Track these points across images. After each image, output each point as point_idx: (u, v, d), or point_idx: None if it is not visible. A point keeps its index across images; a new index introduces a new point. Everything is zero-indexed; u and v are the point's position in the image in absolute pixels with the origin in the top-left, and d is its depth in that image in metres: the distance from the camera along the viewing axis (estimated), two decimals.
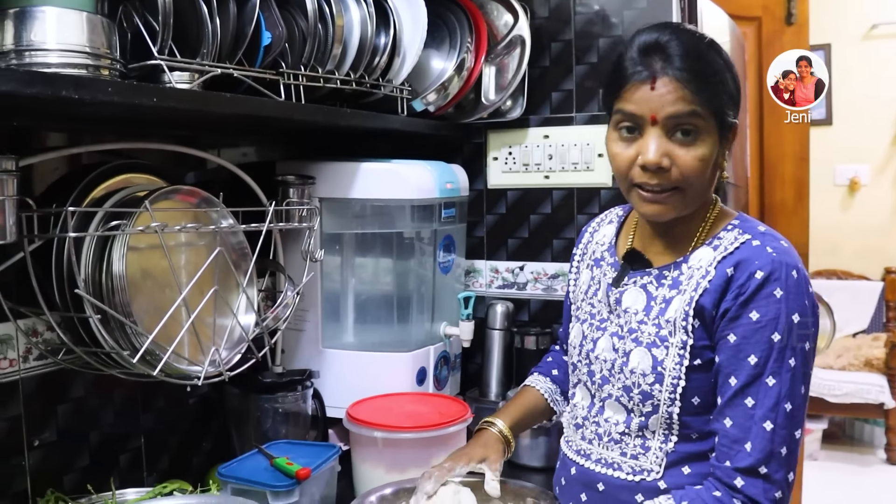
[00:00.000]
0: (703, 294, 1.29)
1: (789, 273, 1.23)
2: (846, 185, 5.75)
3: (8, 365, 1.53)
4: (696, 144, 1.27)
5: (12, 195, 1.28)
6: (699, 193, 1.32)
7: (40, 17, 1.23)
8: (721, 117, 1.28)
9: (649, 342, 1.33)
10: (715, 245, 1.32)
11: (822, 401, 5.07)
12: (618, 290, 1.42)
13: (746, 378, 1.23)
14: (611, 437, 1.39)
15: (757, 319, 1.23)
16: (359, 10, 1.82)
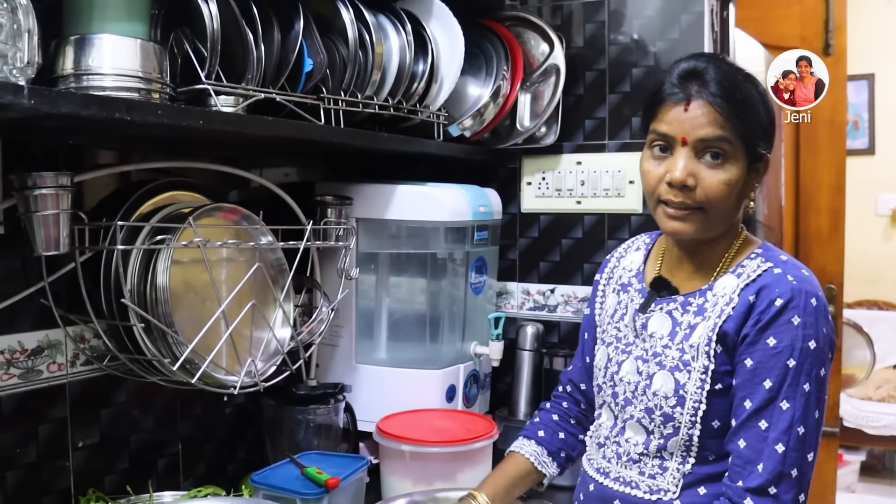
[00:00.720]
0: (726, 320, 1.32)
1: (808, 301, 1.27)
2: (889, 215, 5.69)
3: (57, 369, 1.60)
4: (723, 168, 1.31)
5: (67, 209, 1.35)
6: (722, 216, 1.35)
7: (98, 44, 1.31)
8: (751, 146, 1.32)
9: (672, 366, 1.36)
10: (738, 273, 1.36)
11: (860, 432, 5.02)
12: (644, 316, 1.45)
13: (761, 401, 1.27)
14: (630, 456, 1.42)
15: (774, 345, 1.27)
16: (398, 38, 1.90)
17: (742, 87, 1.32)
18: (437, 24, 2.04)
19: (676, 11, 2.19)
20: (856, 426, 5.01)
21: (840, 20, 3.27)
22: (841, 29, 3.28)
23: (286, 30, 1.61)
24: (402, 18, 1.92)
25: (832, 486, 3.44)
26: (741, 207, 1.39)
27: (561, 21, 2.34)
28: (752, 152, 1.33)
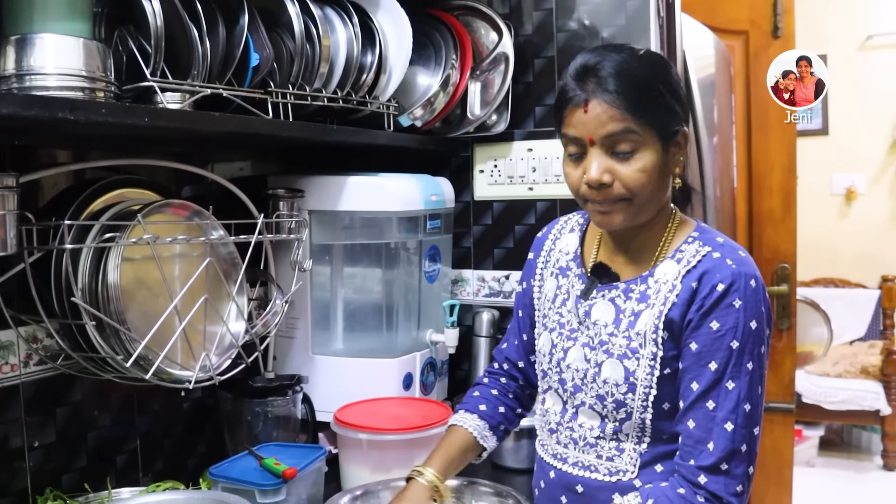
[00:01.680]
0: (671, 308, 1.35)
1: (747, 283, 1.31)
2: (843, 195, 5.79)
3: (10, 370, 1.60)
4: (636, 158, 1.32)
5: (13, 209, 1.35)
6: (649, 201, 1.37)
7: (39, 44, 1.31)
8: (660, 127, 1.33)
9: (620, 354, 1.39)
10: (678, 258, 1.38)
11: (818, 408, 5.13)
12: (587, 303, 1.46)
13: (707, 383, 1.30)
14: (586, 441, 1.44)
15: (717, 328, 1.30)
16: (345, 30, 1.91)
17: (638, 73, 1.32)
18: (385, 15, 2.05)
19: None
20: (814, 402, 5.11)
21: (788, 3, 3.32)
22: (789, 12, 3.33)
23: (231, 25, 1.61)
24: (348, 10, 1.93)
25: (789, 462, 3.51)
26: (668, 187, 1.40)
27: (509, 9, 2.36)
28: (664, 132, 1.34)
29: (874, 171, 5.72)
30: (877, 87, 5.57)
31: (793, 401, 3.53)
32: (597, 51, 1.37)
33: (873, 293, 5.63)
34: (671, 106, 1.35)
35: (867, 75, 5.56)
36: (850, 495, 4.81)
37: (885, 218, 5.69)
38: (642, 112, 1.31)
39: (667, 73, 1.37)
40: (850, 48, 5.61)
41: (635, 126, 1.31)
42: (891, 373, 5.10)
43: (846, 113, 5.62)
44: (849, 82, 5.50)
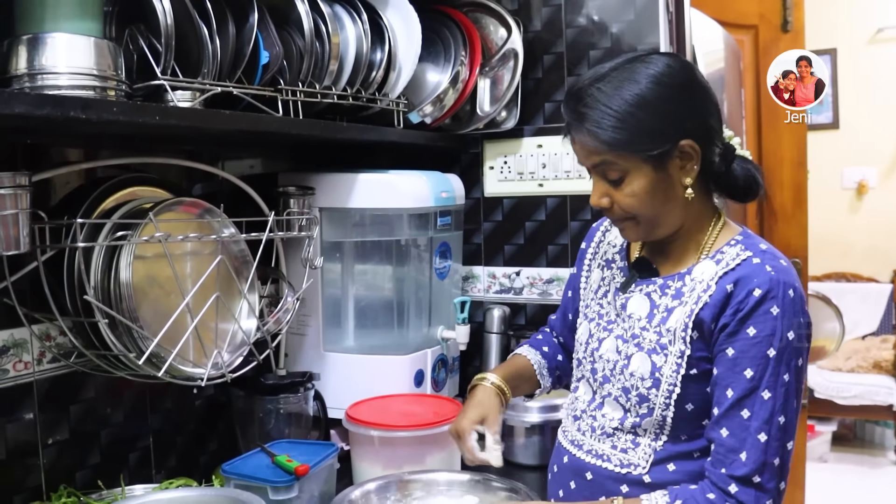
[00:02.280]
0: (703, 308, 1.34)
1: (786, 292, 1.28)
2: (854, 189, 5.77)
3: (23, 367, 1.61)
4: (626, 183, 1.35)
5: (26, 208, 1.35)
6: (657, 218, 1.39)
7: (51, 43, 1.31)
8: (643, 153, 1.32)
9: (650, 348, 1.39)
10: (718, 259, 1.37)
11: (831, 403, 5.11)
12: (624, 296, 1.48)
13: (743, 391, 1.28)
14: (604, 430, 1.45)
15: (754, 335, 1.28)
16: (354, 28, 1.91)
17: (611, 102, 1.32)
18: (394, 12, 2.05)
19: None
20: (827, 397, 5.10)
21: None
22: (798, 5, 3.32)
23: (241, 23, 1.62)
24: (357, 8, 1.93)
25: (801, 458, 3.51)
26: (679, 200, 1.38)
27: (518, 5, 2.35)
28: (650, 156, 1.33)
29: (885, 165, 5.69)
30: (887, 80, 5.55)
31: (805, 396, 3.52)
32: (576, 83, 1.38)
33: (885, 287, 5.61)
34: (655, 128, 1.32)
35: (877, 68, 5.54)
36: (863, 490, 4.79)
37: None
38: (618, 145, 1.32)
39: (654, 89, 1.33)
40: (860, 41, 5.59)
41: (613, 158, 1.34)
42: None
43: (856, 106, 5.61)
44: (859, 76, 5.49)
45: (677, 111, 1.34)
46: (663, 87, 1.33)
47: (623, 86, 1.32)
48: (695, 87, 1.38)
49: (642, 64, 1.35)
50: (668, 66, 1.35)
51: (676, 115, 1.34)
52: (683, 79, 1.36)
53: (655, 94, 1.32)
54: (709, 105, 1.39)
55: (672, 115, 1.34)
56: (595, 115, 1.32)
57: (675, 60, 1.39)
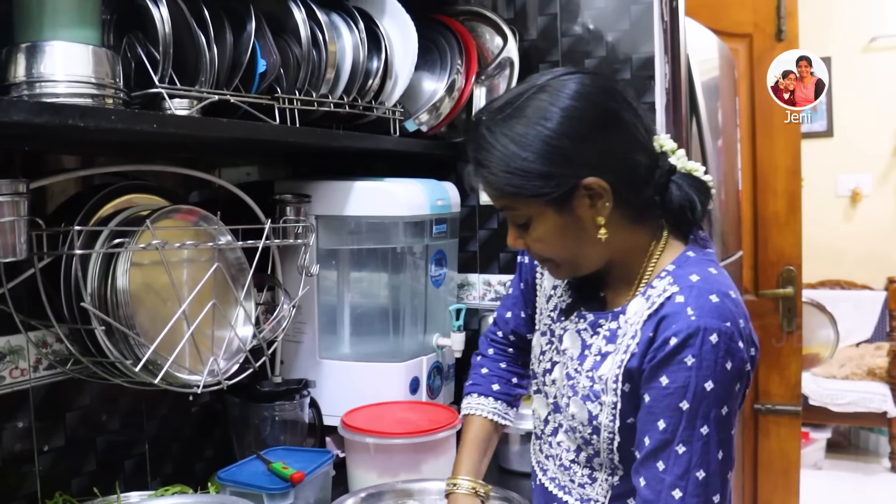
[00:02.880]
0: (631, 357, 1.24)
1: (706, 338, 1.16)
2: (848, 196, 5.80)
3: (20, 374, 1.61)
4: (532, 227, 1.27)
5: (23, 215, 1.36)
6: (576, 260, 1.30)
7: (49, 51, 1.31)
8: (540, 197, 1.22)
9: (584, 394, 1.31)
10: (648, 295, 1.26)
11: (825, 410, 5.12)
12: (561, 327, 1.41)
13: (656, 442, 1.20)
14: (562, 462, 1.39)
15: (666, 385, 1.18)
16: (351, 36, 1.92)
17: (503, 140, 1.22)
18: (390, 21, 2.06)
19: (626, 2, 2.23)
20: (821, 404, 5.11)
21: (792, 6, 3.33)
22: (793, 14, 3.34)
23: (238, 31, 1.63)
24: (354, 16, 1.93)
25: (796, 465, 3.52)
26: (594, 239, 1.26)
27: (514, 14, 2.37)
28: (549, 199, 1.22)
29: (879, 172, 5.72)
30: (881, 89, 5.58)
31: (799, 403, 3.54)
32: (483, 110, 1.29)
33: (879, 295, 5.63)
34: (553, 171, 1.20)
35: (871, 77, 5.56)
36: (857, 498, 4.80)
37: (891, 219, 5.69)
38: (511, 192, 1.24)
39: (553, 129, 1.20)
40: (855, 50, 5.62)
41: (511, 203, 1.26)
42: None
43: (851, 114, 5.63)
44: (853, 84, 5.51)
45: (578, 150, 1.21)
46: (562, 124, 1.20)
47: (516, 123, 1.22)
48: (604, 119, 1.23)
49: (542, 94, 1.23)
50: (572, 95, 1.22)
51: (577, 154, 1.21)
52: (590, 111, 1.22)
53: (552, 133, 1.20)
54: (624, 133, 1.25)
55: (570, 155, 1.21)
56: (485, 160, 1.24)
57: (583, 87, 1.24)
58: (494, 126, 1.23)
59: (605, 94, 1.25)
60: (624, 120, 1.25)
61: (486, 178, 1.25)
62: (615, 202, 1.24)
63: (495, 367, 1.65)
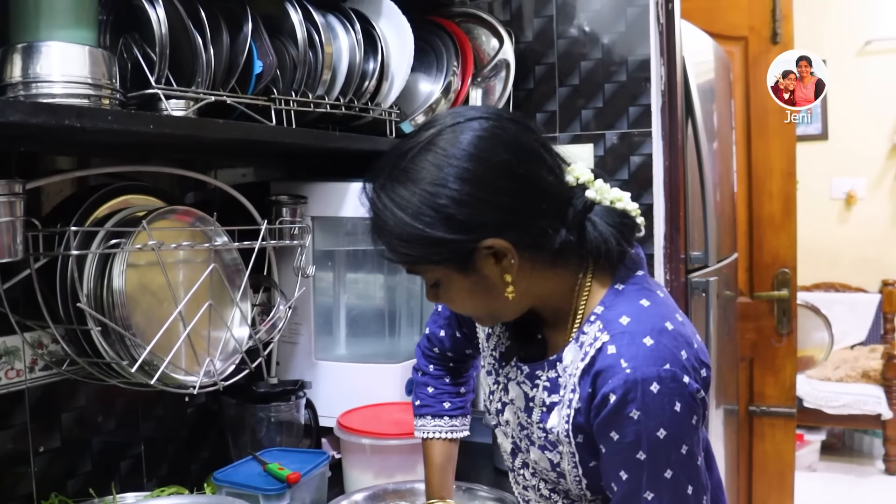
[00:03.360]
0: (576, 414, 1.19)
1: (646, 390, 1.09)
2: (843, 199, 5.81)
3: (15, 375, 1.61)
4: (442, 289, 1.22)
5: (20, 216, 1.35)
6: (495, 313, 1.25)
7: (45, 52, 1.31)
8: (438, 261, 1.16)
9: (541, 445, 1.27)
10: (581, 342, 1.20)
11: (820, 412, 5.13)
12: (504, 374, 1.35)
13: (623, 493, 1.15)
14: (541, 491, 1.35)
15: (618, 440, 1.13)
16: (347, 38, 1.92)
17: (388, 216, 1.15)
18: (387, 23, 2.06)
19: (622, 4, 2.24)
20: (815, 406, 5.11)
21: (787, 9, 3.35)
22: (788, 17, 3.36)
23: (235, 32, 1.63)
24: (350, 18, 1.94)
25: (791, 467, 3.53)
26: (507, 294, 1.18)
27: (510, 16, 2.38)
28: (449, 260, 1.16)
29: (874, 176, 5.73)
30: (876, 92, 5.59)
31: (794, 405, 3.55)
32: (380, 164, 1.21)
33: (874, 297, 5.64)
34: (446, 238, 1.12)
35: (866, 80, 5.57)
36: (851, 500, 4.81)
37: (886, 222, 5.71)
38: (409, 261, 1.19)
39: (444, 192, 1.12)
40: (849, 53, 5.63)
41: (412, 268, 1.22)
42: (892, 377, 5.10)
43: (846, 117, 5.64)
44: (848, 87, 5.52)
45: (470, 214, 1.12)
46: (457, 184, 1.12)
47: (400, 192, 1.14)
48: (495, 175, 1.14)
49: (424, 158, 1.14)
50: (470, 144, 1.13)
51: (468, 218, 1.12)
52: (489, 161, 1.13)
53: (445, 196, 1.12)
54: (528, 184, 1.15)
55: (462, 220, 1.12)
56: (380, 227, 1.18)
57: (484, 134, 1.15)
58: (383, 191, 1.17)
59: (499, 147, 1.15)
60: (521, 175, 1.15)
61: (384, 245, 1.19)
62: (522, 257, 1.16)
63: (440, 383, 1.63)
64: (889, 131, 5.64)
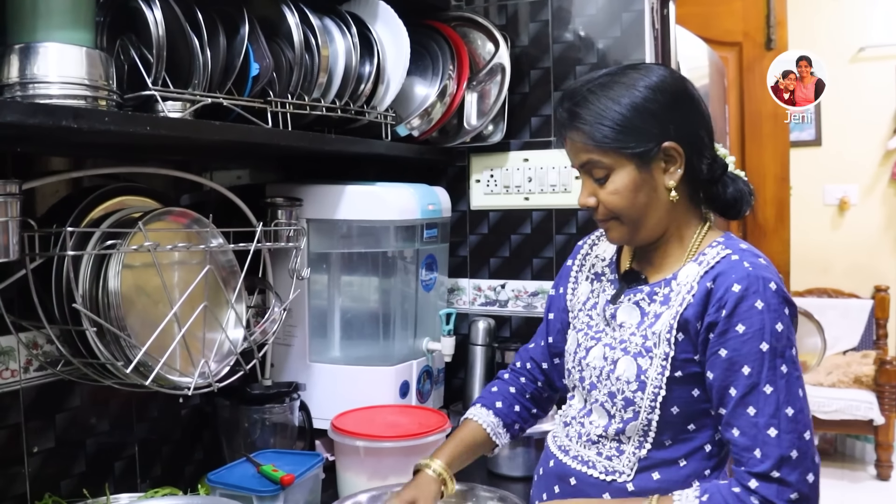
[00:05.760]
0: (686, 308, 1.36)
1: (766, 286, 1.30)
2: (836, 205, 5.81)
3: (10, 375, 1.61)
4: (610, 181, 1.40)
5: (16, 216, 1.36)
6: (641, 218, 1.42)
7: (42, 53, 1.32)
8: (629, 148, 1.37)
9: (636, 352, 1.40)
10: (700, 261, 1.39)
11: (812, 417, 5.10)
12: (614, 307, 1.49)
13: (744, 388, 1.29)
14: (589, 437, 1.47)
15: (743, 332, 1.29)
16: (343, 41, 1.92)
17: (595, 106, 1.38)
18: (383, 26, 2.07)
19: (617, 10, 2.25)
20: None
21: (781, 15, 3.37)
22: (782, 24, 3.38)
23: (231, 34, 1.63)
24: (347, 21, 1.94)
25: None
26: (662, 202, 1.42)
27: (506, 20, 2.38)
28: (635, 154, 1.37)
29: (867, 182, 5.74)
30: (869, 99, 5.60)
31: None
32: (582, 79, 1.46)
33: (866, 303, 5.64)
34: (639, 127, 1.37)
35: (859, 87, 5.58)
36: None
37: (878, 228, 5.72)
38: (604, 143, 1.38)
39: (644, 94, 1.38)
40: (843, 60, 5.64)
41: (598, 156, 1.39)
42: (884, 382, 5.10)
43: (839, 124, 5.65)
44: (841, 94, 5.52)
45: (663, 115, 1.38)
46: (652, 92, 1.38)
47: (613, 88, 1.39)
48: (684, 97, 1.42)
49: (636, 71, 1.42)
50: (660, 75, 1.41)
51: (662, 118, 1.38)
52: (674, 88, 1.41)
53: (643, 97, 1.38)
54: (697, 116, 1.43)
55: (657, 118, 1.38)
56: (583, 113, 1.38)
57: (670, 72, 1.44)
58: (597, 88, 1.40)
59: (688, 83, 1.45)
60: (700, 106, 1.44)
61: (580, 129, 1.39)
62: (683, 173, 1.40)
63: (504, 388, 1.73)
64: (882, 138, 5.65)
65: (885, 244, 5.70)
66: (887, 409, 5.07)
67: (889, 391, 5.10)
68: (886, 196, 5.71)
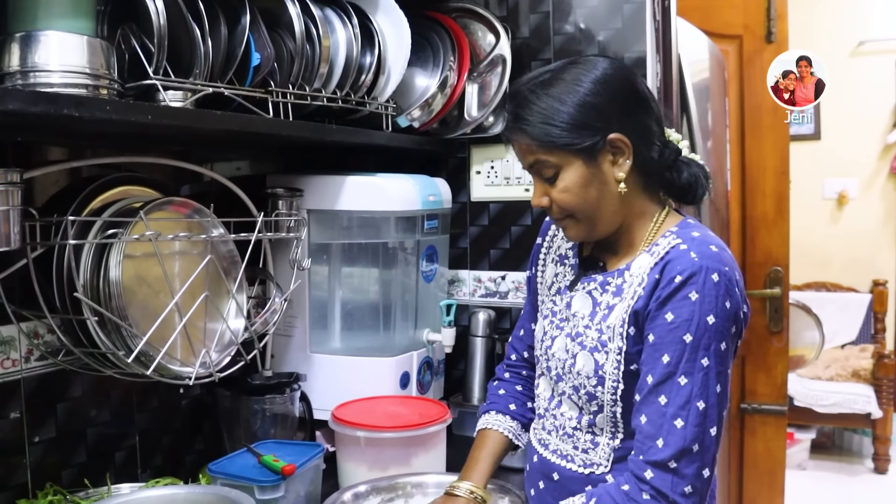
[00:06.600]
0: (637, 300, 1.36)
1: (708, 276, 1.29)
2: (835, 199, 5.83)
3: (11, 365, 1.61)
4: (559, 179, 1.39)
5: (17, 205, 1.36)
6: (594, 215, 1.41)
7: (44, 41, 1.32)
8: (573, 145, 1.36)
9: (592, 346, 1.41)
10: (652, 251, 1.39)
11: (810, 411, 5.15)
12: (570, 294, 1.50)
13: (660, 376, 1.29)
14: (565, 430, 1.47)
15: (671, 320, 1.30)
16: (345, 31, 1.92)
17: (535, 105, 1.37)
18: (384, 17, 2.06)
19: (619, 1, 2.24)
20: (806, 405, 5.13)
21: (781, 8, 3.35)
22: (783, 17, 3.36)
23: (233, 24, 1.63)
24: (348, 11, 1.94)
25: (781, 464, 3.54)
26: (615, 195, 1.41)
27: (507, 11, 2.38)
28: (580, 150, 1.36)
29: (866, 176, 5.75)
30: (868, 93, 5.61)
31: (785, 403, 3.56)
32: (524, 78, 1.44)
33: (865, 297, 5.66)
34: (585, 124, 1.36)
35: (859, 81, 5.59)
36: (841, 498, 4.83)
37: (877, 222, 5.73)
38: (548, 143, 1.37)
39: (587, 88, 1.37)
40: (842, 54, 5.64)
41: (545, 156, 1.38)
42: (882, 376, 5.13)
43: (838, 118, 5.66)
44: (840, 88, 5.52)
45: (607, 108, 1.37)
46: (595, 85, 1.37)
47: (555, 85, 1.38)
48: (628, 87, 1.41)
49: (577, 66, 1.40)
50: (603, 68, 1.39)
51: (605, 111, 1.37)
52: (618, 79, 1.40)
53: (585, 92, 1.36)
54: (643, 104, 1.42)
55: (601, 111, 1.37)
56: (524, 114, 1.38)
57: (612, 63, 1.43)
58: (538, 87, 1.39)
59: (631, 73, 1.45)
60: (645, 96, 1.43)
61: (523, 130, 1.38)
62: (633, 163, 1.39)
63: (511, 388, 1.71)
64: (881, 132, 5.66)
65: (883, 238, 5.71)
66: (885, 403, 5.09)
67: (887, 385, 5.12)
68: (885, 190, 5.72)
